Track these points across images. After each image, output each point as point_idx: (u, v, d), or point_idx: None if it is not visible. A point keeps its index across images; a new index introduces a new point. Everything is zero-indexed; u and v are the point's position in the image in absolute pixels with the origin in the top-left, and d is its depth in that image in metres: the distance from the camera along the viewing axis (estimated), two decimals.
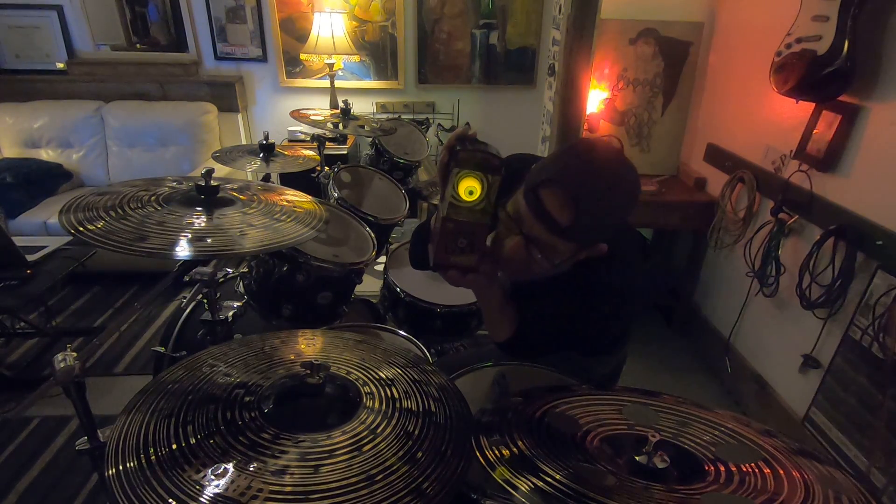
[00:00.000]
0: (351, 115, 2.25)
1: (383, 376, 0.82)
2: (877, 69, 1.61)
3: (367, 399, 0.76)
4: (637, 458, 0.70)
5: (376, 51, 3.29)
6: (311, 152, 2.13)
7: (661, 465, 0.69)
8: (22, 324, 2.45)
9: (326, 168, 2.02)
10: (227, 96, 3.32)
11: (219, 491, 0.58)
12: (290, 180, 2.04)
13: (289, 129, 3.21)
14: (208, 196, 1.13)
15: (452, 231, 0.81)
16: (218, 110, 3.31)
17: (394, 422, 0.72)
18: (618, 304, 0.98)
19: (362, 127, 2.19)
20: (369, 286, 1.81)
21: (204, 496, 0.58)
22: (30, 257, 2.22)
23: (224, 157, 1.94)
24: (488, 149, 0.80)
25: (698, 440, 0.78)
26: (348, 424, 0.70)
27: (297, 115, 2.19)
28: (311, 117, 2.21)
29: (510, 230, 0.91)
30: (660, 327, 2.84)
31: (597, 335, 1.03)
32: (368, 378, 0.81)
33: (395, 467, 0.64)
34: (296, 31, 3.22)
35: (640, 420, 0.82)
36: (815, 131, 1.84)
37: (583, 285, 0.96)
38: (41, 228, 2.80)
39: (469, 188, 0.78)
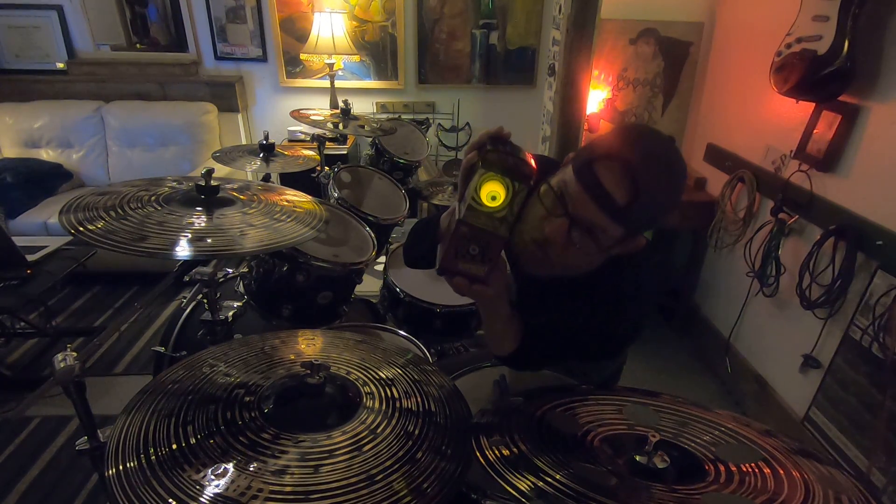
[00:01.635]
0: (351, 115, 2.24)
1: (383, 376, 0.82)
2: (877, 69, 1.61)
3: (367, 399, 0.76)
4: (637, 457, 0.70)
5: (376, 51, 3.29)
6: (311, 152, 2.13)
7: (661, 465, 0.69)
8: (22, 324, 2.45)
9: (326, 168, 2.02)
10: (227, 96, 3.32)
11: (219, 491, 0.58)
12: (290, 180, 2.04)
13: (289, 129, 3.20)
14: (208, 196, 1.13)
15: (466, 236, 0.74)
16: (218, 110, 3.31)
17: (394, 422, 0.72)
18: (635, 306, 0.93)
19: (362, 127, 2.19)
20: (369, 286, 1.80)
21: (204, 496, 0.58)
22: (30, 257, 2.22)
23: (224, 157, 1.94)
24: (521, 154, 0.74)
25: (698, 440, 0.78)
26: (348, 424, 0.70)
27: (297, 115, 2.19)
28: (311, 117, 2.21)
29: (553, 211, 0.83)
30: (660, 327, 2.83)
31: (609, 340, 0.96)
32: (368, 378, 0.81)
33: (394, 467, 0.64)
34: (296, 31, 3.22)
35: (640, 420, 0.82)
36: (815, 131, 1.84)
37: (602, 289, 0.91)
38: (41, 228, 2.80)
39: (492, 193, 0.72)
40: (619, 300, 0.92)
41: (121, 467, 0.61)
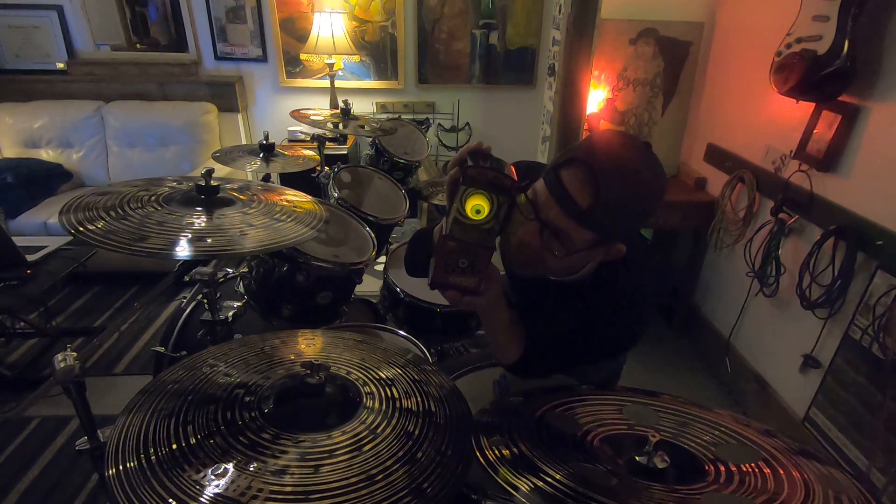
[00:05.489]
0: (351, 115, 2.25)
1: (383, 376, 0.82)
2: (877, 69, 1.61)
3: (367, 399, 0.76)
4: (637, 458, 0.70)
5: (376, 51, 3.29)
6: (311, 152, 2.13)
7: (661, 465, 0.69)
8: (22, 324, 2.45)
9: (326, 168, 2.02)
10: (227, 96, 3.32)
11: (219, 491, 0.58)
12: (290, 180, 2.04)
13: (289, 129, 3.21)
14: (208, 196, 1.13)
15: (454, 250, 0.76)
16: (218, 110, 3.31)
17: (394, 422, 0.72)
18: (633, 307, 0.93)
19: (362, 127, 2.19)
20: (369, 286, 1.81)
21: (204, 496, 0.58)
22: (30, 257, 2.22)
23: (224, 157, 1.94)
24: (501, 167, 0.76)
25: (698, 440, 0.78)
26: (348, 424, 0.70)
27: (297, 115, 2.19)
28: (311, 117, 2.21)
29: (527, 216, 0.85)
30: (660, 327, 2.83)
31: (611, 342, 0.96)
32: (368, 378, 0.81)
33: (394, 467, 0.64)
34: (296, 31, 3.22)
35: (640, 420, 0.82)
36: (815, 131, 1.84)
37: (600, 292, 0.92)
38: (41, 228, 2.80)
39: (476, 207, 0.74)
40: (617, 302, 0.92)
41: (121, 467, 0.61)
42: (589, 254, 0.87)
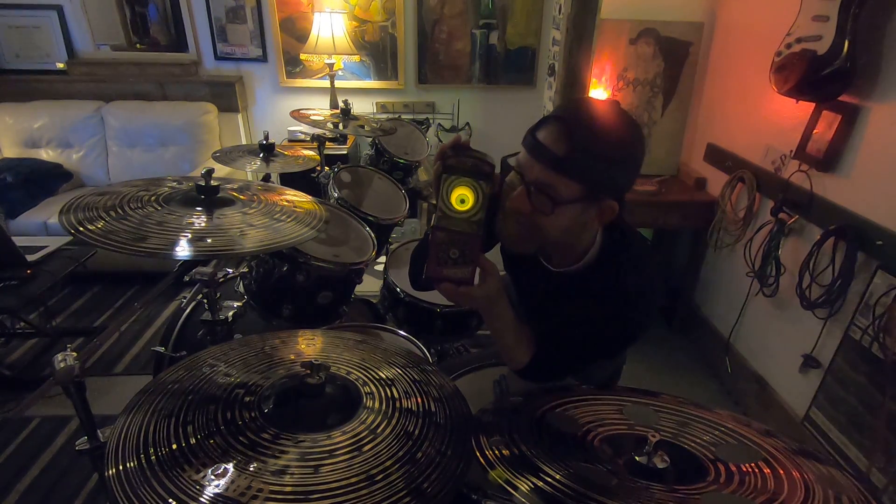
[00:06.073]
0: (351, 115, 2.24)
1: (383, 376, 0.82)
2: (877, 69, 1.61)
3: (367, 399, 0.76)
4: (637, 458, 0.70)
5: (376, 51, 3.29)
6: (311, 152, 2.13)
7: (661, 465, 0.69)
8: (22, 324, 2.45)
9: (326, 168, 2.02)
10: (227, 96, 3.31)
11: (219, 491, 0.58)
12: (290, 180, 2.04)
13: (289, 129, 3.20)
14: (208, 196, 1.13)
15: (444, 241, 0.79)
16: (218, 110, 3.31)
17: (394, 422, 0.72)
18: (643, 298, 0.93)
19: (362, 127, 2.19)
20: (369, 286, 1.81)
21: (204, 496, 0.58)
22: (30, 257, 2.22)
23: (224, 157, 1.94)
24: (480, 155, 0.78)
25: (698, 440, 0.78)
26: (348, 424, 0.70)
27: (297, 115, 2.19)
28: (311, 117, 2.21)
29: (514, 188, 0.88)
30: (660, 327, 2.83)
31: (623, 335, 0.96)
32: (368, 378, 0.81)
33: (394, 467, 0.64)
34: (296, 31, 3.22)
35: (640, 420, 0.82)
36: (815, 131, 1.84)
37: (604, 284, 0.92)
38: (41, 228, 2.80)
39: (461, 196, 0.77)
40: (623, 292, 0.92)
41: (121, 467, 0.61)
42: (582, 212, 0.88)
